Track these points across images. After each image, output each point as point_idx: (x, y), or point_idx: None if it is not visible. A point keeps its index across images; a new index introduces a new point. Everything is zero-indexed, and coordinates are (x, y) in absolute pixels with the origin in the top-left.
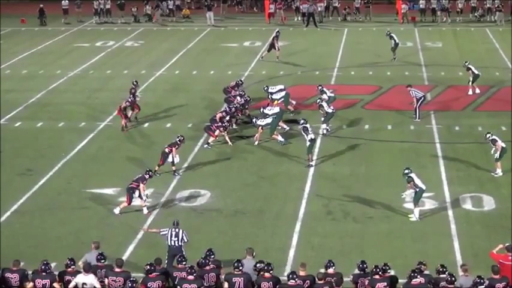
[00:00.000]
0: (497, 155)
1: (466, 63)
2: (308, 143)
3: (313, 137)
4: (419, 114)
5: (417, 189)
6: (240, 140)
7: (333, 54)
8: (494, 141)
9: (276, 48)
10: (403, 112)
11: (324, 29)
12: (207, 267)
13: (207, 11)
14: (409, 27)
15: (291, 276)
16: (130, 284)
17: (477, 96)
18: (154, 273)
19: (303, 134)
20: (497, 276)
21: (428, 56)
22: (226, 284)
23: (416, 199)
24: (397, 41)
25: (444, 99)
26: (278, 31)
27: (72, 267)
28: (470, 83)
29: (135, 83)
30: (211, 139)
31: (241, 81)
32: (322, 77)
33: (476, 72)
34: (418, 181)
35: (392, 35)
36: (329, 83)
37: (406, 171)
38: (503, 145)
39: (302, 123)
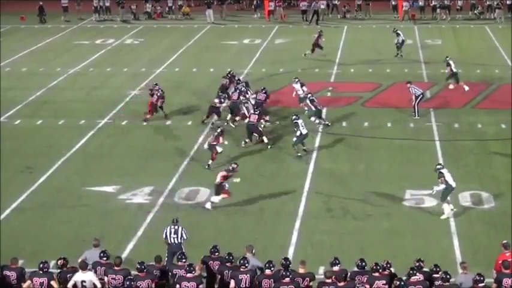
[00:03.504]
0: None
1: (447, 58)
2: (297, 136)
3: (304, 132)
4: (418, 111)
5: (447, 186)
6: (239, 138)
7: (333, 51)
8: None
9: (320, 47)
10: (402, 109)
11: (323, 27)
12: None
13: (207, 9)
14: (408, 24)
15: (267, 265)
16: (128, 283)
17: (477, 94)
18: (144, 272)
19: (294, 128)
20: (507, 271)
21: (428, 53)
22: (232, 282)
23: (444, 196)
24: (403, 38)
25: (443, 97)
26: (321, 30)
27: (67, 266)
28: (446, 79)
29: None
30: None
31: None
32: (322, 75)
33: (454, 70)
34: (449, 178)
35: (399, 32)
36: (329, 80)
37: (438, 166)
38: None
39: (294, 119)
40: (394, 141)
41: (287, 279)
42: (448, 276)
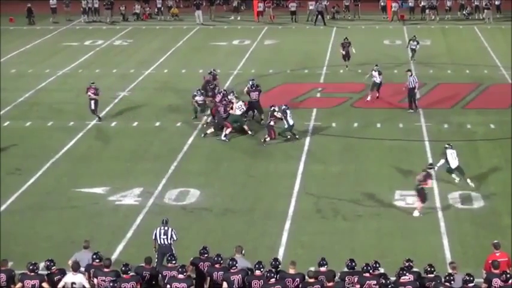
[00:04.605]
0: None
1: (377, 67)
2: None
3: (291, 122)
4: (416, 105)
5: (448, 165)
6: (230, 138)
7: (322, 52)
8: None
9: (349, 56)
10: (392, 110)
11: (312, 28)
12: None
13: (196, 10)
14: (397, 25)
15: (256, 266)
16: (112, 284)
17: (466, 94)
18: (129, 274)
19: (282, 117)
20: (496, 271)
21: (417, 54)
22: (225, 284)
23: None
24: (416, 47)
25: (433, 97)
26: (346, 38)
27: (53, 268)
28: (371, 88)
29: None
30: (228, 130)
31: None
32: (311, 75)
33: (378, 80)
34: (449, 157)
35: (417, 40)
36: (318, 81)
37: (446, 145)
38: None
39: (284, 108)
40: (384, 142)
41: (273, 280)
42: (451, 278)
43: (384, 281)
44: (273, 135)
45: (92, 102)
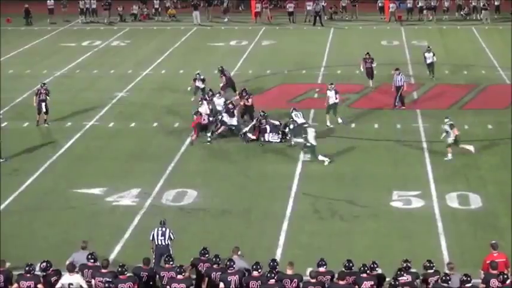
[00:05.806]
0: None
1: (331, 85)
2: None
3: (299, 121)
4: (403, 101)
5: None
6: (226, 139)
7: (320, 53)
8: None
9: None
10: (389, 111)
11: (310, 28)
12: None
13: (194, 11)
14: (395, 26)
15: (254, 267)
16: (107, 285)
17: (464, 95)
18: (125, 275)
19: (294, 119)
20: (494, 272)
21: (415, 54)
22: (221, 284)
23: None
24: (433, 59)
25: (430, 98)
26: (368, 53)
27: (50, 269)
28: (327, 110)
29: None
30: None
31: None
32: (309, 76)
33: (334, 101)
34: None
35: (432, 51)
36: (316, 81)
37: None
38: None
39: (291, 110)
40: (381, 143)
41: (272, 281)
42: (447, 278)
43: (393, 282)
44: (256, 135)
45: (43, 104)
